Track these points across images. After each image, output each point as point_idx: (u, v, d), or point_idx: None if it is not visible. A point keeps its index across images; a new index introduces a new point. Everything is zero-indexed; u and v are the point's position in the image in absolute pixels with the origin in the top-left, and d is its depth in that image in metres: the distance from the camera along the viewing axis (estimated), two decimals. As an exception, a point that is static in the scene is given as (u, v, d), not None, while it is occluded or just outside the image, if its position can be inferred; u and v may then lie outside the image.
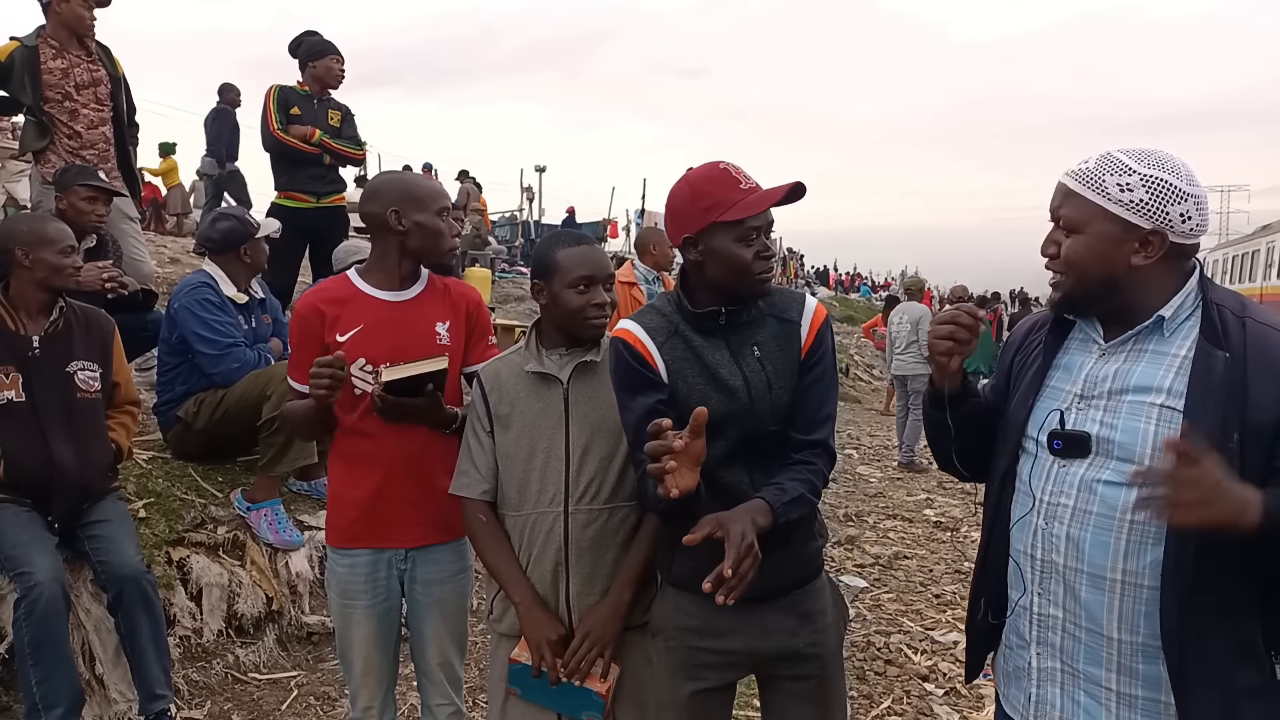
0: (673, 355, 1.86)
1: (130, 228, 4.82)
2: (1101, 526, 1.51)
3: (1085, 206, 1.51)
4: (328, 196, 5.35)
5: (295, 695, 3.50)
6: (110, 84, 4.61)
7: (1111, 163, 1.50)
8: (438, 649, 2.40)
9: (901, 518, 6.86)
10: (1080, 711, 1.57)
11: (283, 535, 3.85)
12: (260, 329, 4.05)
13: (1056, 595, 1.58)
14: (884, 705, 3.72)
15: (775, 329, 1.88)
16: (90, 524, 3.02)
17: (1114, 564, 1.50)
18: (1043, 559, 1.60)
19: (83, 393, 3.03)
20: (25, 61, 4.34)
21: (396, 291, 2.31)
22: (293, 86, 5.30)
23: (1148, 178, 1.47)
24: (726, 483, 1.82)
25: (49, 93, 4.41)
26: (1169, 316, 1.51)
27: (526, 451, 2.06)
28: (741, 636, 1.89)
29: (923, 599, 5.01)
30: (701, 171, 1.84)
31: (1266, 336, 1.44)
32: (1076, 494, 1.54)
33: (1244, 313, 1.48)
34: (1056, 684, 1.61)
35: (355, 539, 2.32)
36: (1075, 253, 1.53)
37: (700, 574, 1.83)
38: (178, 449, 4.04)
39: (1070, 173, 1.56)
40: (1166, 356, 1.50)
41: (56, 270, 2.96)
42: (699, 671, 1.92)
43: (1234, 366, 1.42)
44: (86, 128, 4.52)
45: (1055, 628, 1.60)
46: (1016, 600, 1.67)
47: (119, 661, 3.09)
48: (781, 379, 1.85)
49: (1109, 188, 1.49)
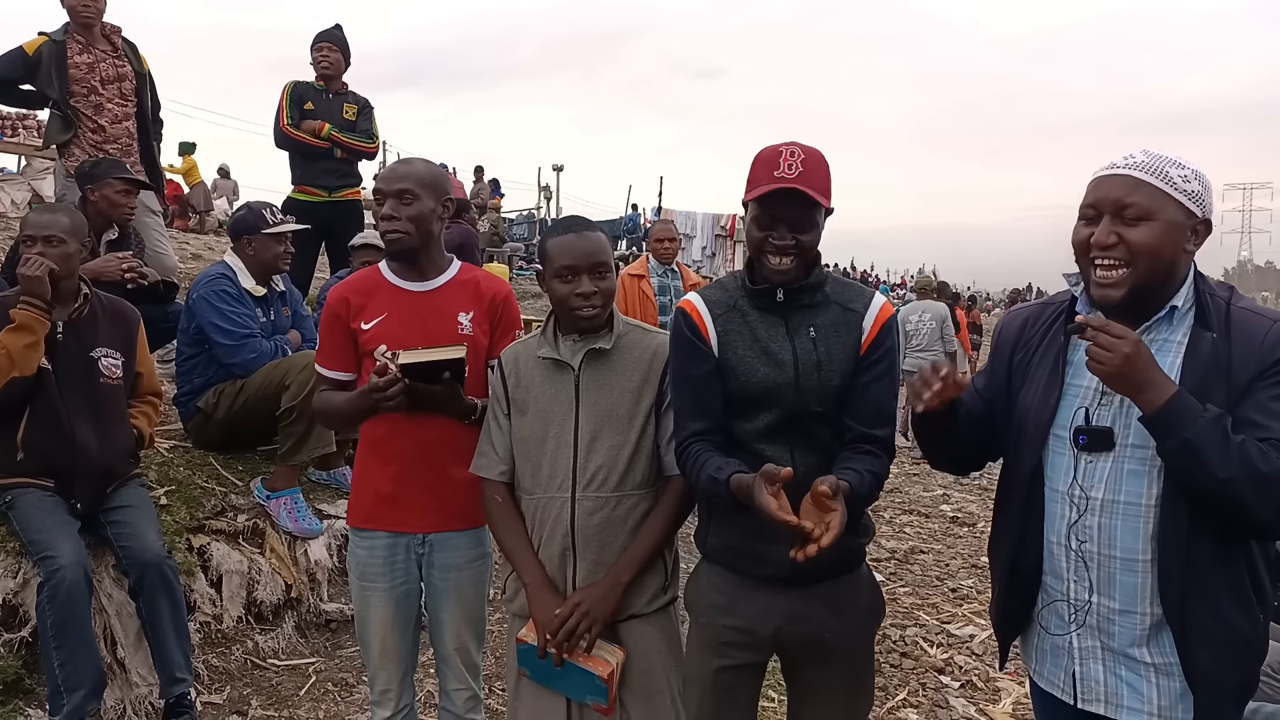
0: (726, 328, 1.90)
1: (153, 221, 4.90)
2: (1130, 515, 1.62)
3: (1156, 195, 1.57)
4: (341, 190, 5.39)
5: (313, 681, 3.53)
6: (135, 80, 4.69)
7: (1163, 157, 1.60)
8: (455, 634, 2.42)
9: (918, 513, 6.83)
10: (1123, 685, 1.67)
11: (302, 523, 3.88)
12: (279, 321, 4.09)
13: (1093, 581, 1.68)
14: (899, 697, 3.71)
15: (836, 315, 1.89)
16: (113, 509, 3.06)
17: (1144, 547, 1.61)
18: (1078, 549, 1.69)
19: (105, 378, 3.07)
20: (53, 56, 4.43)
21: (421, 282, 2.34)
22: (310, 82, 5.35)
23: (1197, 172, 1.59)
24: (767, 457, 1.83)
25: (75, 87, 4.50)
26: (1180, 306, 1.63)
27: (539, 436, 2.08)
28: (769, 618, 1.90)
29: (939, 593, 4.99)
30: (767, 148, 1.87)
31: (1247, 319, 1.60)
32: (1105, 486, 1.64)
33: (1231, 299, 1.64)
34: (1099, 660, 1.70)
35: (374, 520, 2.35)
36: (1149, 239, 1.57)
37: (733, 548, 1.91)
38: (198, 439, 4.09)
39: (1126, 166, 1.61)
40: (1172, 344, 1.63)
41: (63, 259, 2.96)
42: (726, 649, 1.93)
43: (1220, 344, 1.58)
44: (111, 122, 4.60)
45: (1092, 611, 1.69)
46: (1054, 586, 1.76)
47: (140, 645, 3.13)
48: (833, 362, 1.85)
49: (1174, 178, 1.58)
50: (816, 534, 1.58)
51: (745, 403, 1.88)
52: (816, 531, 1.58)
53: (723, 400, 1.89)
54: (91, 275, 3.37)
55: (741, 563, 1.91)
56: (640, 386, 2.04)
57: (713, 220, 19.86)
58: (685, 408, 1.93)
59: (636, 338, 2.10)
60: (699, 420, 1.90)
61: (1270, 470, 1.46)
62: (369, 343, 2.29)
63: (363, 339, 2.31)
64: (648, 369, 2.04)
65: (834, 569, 1.71)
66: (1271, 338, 1.56)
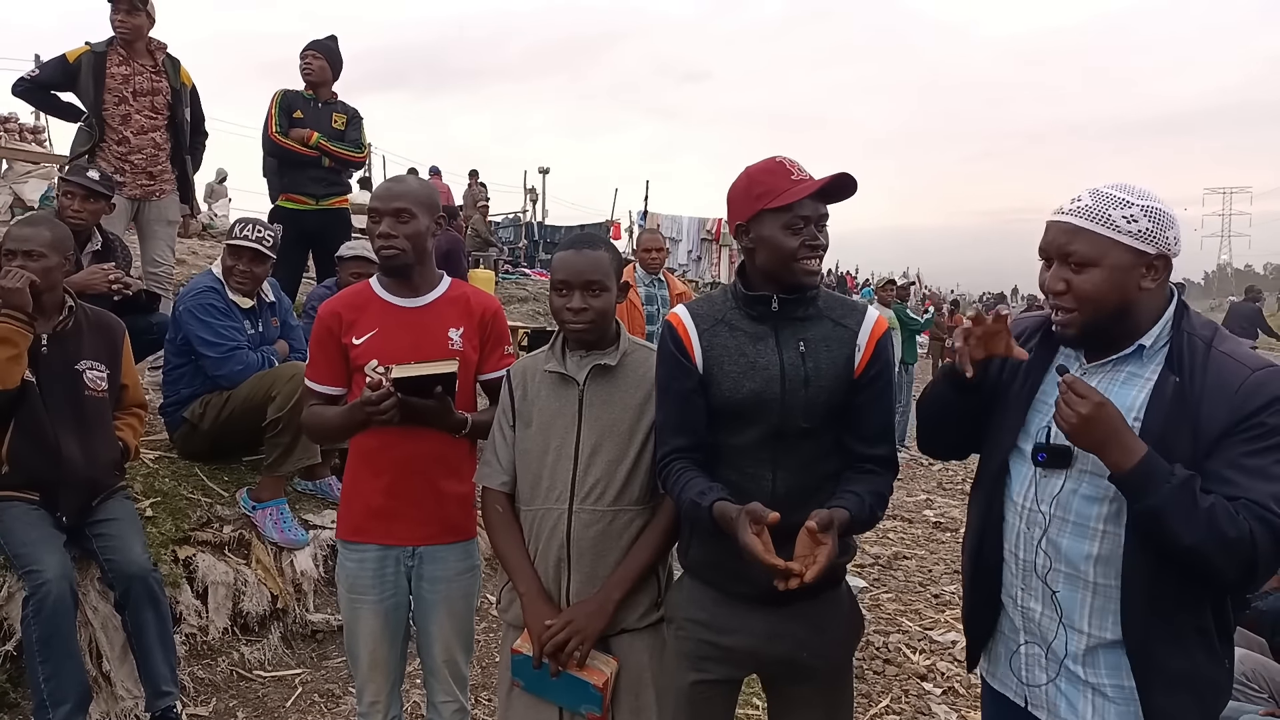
0: (712, 342, 1.90)
1: (164, 230, 5.02)
2: (1077, 534, 1.65)
3: (1098, 242, 1.58)
4: (328, 199, 5.40)
5: (300, 692, 3.53)
6: (170, 95, 4.86)
7: (1108, 198, 1.59)
8: (444, 646, 2.43)
9: (901, 518, 6.88)
10: (1062, 697, 1.71)
11: (288, 534, 3.88)
12: (267, 332, 4.09)
13: (1037, 592, 1.72)
14: (882, 704, 3.75)
15: (828, 330, 1.89)
16: (98, 522, 3.06)
17: (1088, 568, 1.64)
18: (1025, 559, 1.73)
19: (90, 391, 3.07)
20: (92, 66, 4.64)
21: (412, 298, 2.37)
22: (299, 91, 5.35)
23: (1146, 207, 1.57)
24: (748, 473, 1.86)
25: (107, 96, 4.68)
26: (1149, 345, 1.63)
27: (541, 448, 2.10)
28: (747, 636, 1.92)
29: (921, 599, 5.04)
30: (758, 164, 1.89)
31: (1224, 364, 1.57)
32: (1057, 502, 1.67)
33: (1212, 341, 1.61)
34: (1043, 669, 1.73)
35: (364, 533, 2.36)
36: (1092, 286, 1.59)
37: (713, 564, 1.92)
38: (184, 449, 4.08)
39: (1069, 211, 1.63)
40: (1140, 380, 1.63)
41: (44, 273, 2.94)
42: (703, 663, 1.95)
43: (1190, 389, 1.56)
44: (136, 133, 4.76)
45: (1036, 619, 1.73)
46: (1005, 594, 1.80)
47: (126, 659, 3.13)
48: (822, 377, 1.85)
49: (1116, 221, 1.57)
50: (800, 570, 1.61)
51: (730, 416, 1.88)
52: (800, 567, 1.61)
53: (706, 416, 1.90)
54: (77, 289, 3.37)
55: (721, 579, 1.93)
56: (643, 404, 2.07)
57: (699, 224, 19.90)
58: (668, 423, 1.94)
59: (642, 356, 2.13)
60: (681, 436, 1.91)
61: (1238, 535, 1.46)
62: (360, 357, 2.31)
63: (353, 354, 2.33)
64: (651, 387, 2.06)
65: (813, 589, 1.68)
66: (1247, 388, 1.53)
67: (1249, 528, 1.46)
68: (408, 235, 2.28)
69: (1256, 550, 1.47)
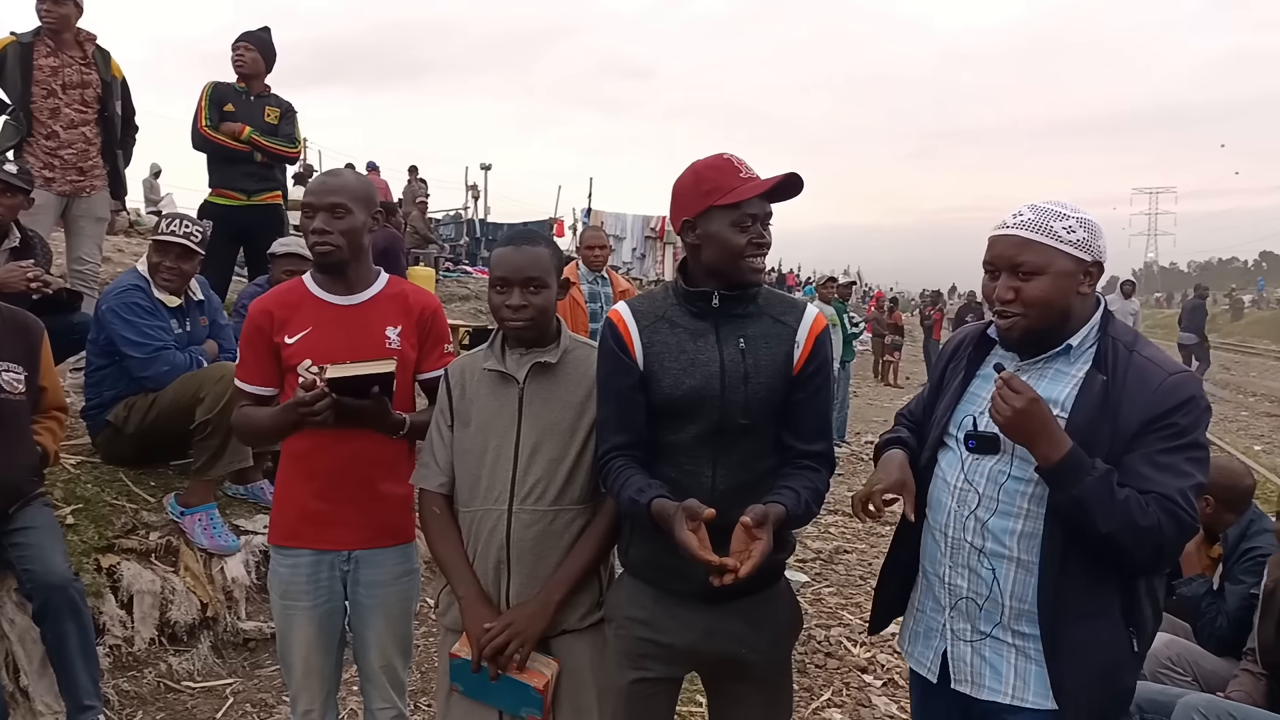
0: (652, 339, 1.90)
1: (93, 227, 4.87)
2: (1004, 513, 1.77)
3: (1044, 251, 1.71)
4: (260, 194, 5.26)
5: (231, 703, 3.43)
6: (101, 88, 4.69)
7: (1047, 211, 1.74)
8: (380, 652, 2.38)
9: (843, 513, 6.96)
10: (986, 666, 1.81)
11: (218, 540, 3.77)
12: (195, 331, 3.96)
13: (964, 568, 1.82)
14: (824, 697, 3.79)
15: (768, 327, 1.91)
16: (15, 531, 2.92)
17: (1013, 545, 1.76)
18: (954, 537, 1.83)
19: (6, 394, 2.93)
20: (19, 57, 4.47)
21: (348, 295, 2.31)
22: (230, 84, 5.21)
23: (1081, 219, 1.73)
24: (687, 469, 1.86)
25: (35, 89, 4.51)
26: (1076, 345, 1.77)
27: (480, 448, 2.07)
28: (686, 634, 1.92)
29: (862, 592, 5.11)
30: (706, 160, 1.89)
31: (1144, 368, 1.72)
32: (985, 484, 1.79)
33: (1134, 346, 1.76)
34: (967, 642, 1.84)
35: (298, 538, 2.30)
36: (1041, 292, 1.72)
37: (653, 563, 1.93)
38: (107, 454, 3.93)
39: (1014, 225, 1.75)
40: (1067, 376, 1.77)
41: None
42: (642, 661, 1.94)
43: (1112, 388, 1.70)
44: (65, 127, 4.61)
45: (962, 594, 1.83)
46: (931, 570, 1.90)
47: (45, 672, 3.00)
48: (761, 374, 1.86)
49: (1058, 231, 1.72)
50: (734, 565, 1.63)
51: (670, 413, 1.88)
52: (735, 563, 1.63)
53: (646, 414, 1.90)
54: (-7, 287, 3.23)
55: (660, 577, 1.92)
56: (584, 402, 2.05)
57: (643, 222, 19.92)
58: (609, 420, 1.94)
59: (584, 353, 2.11)
60: (621, 434, 1.91)
61: (1148, 525, 1.61)
62: (292, 357, 2.25)
63: (286, 353, 2.26)
64: (593, 385, 2.04)
65: (751, 585, 1.69)
66: (1164, 389, 1.68)
67: (1158, 519, 1.61)
68: (343, 231, 2.22)
69: (1164, 538, 1.63)
